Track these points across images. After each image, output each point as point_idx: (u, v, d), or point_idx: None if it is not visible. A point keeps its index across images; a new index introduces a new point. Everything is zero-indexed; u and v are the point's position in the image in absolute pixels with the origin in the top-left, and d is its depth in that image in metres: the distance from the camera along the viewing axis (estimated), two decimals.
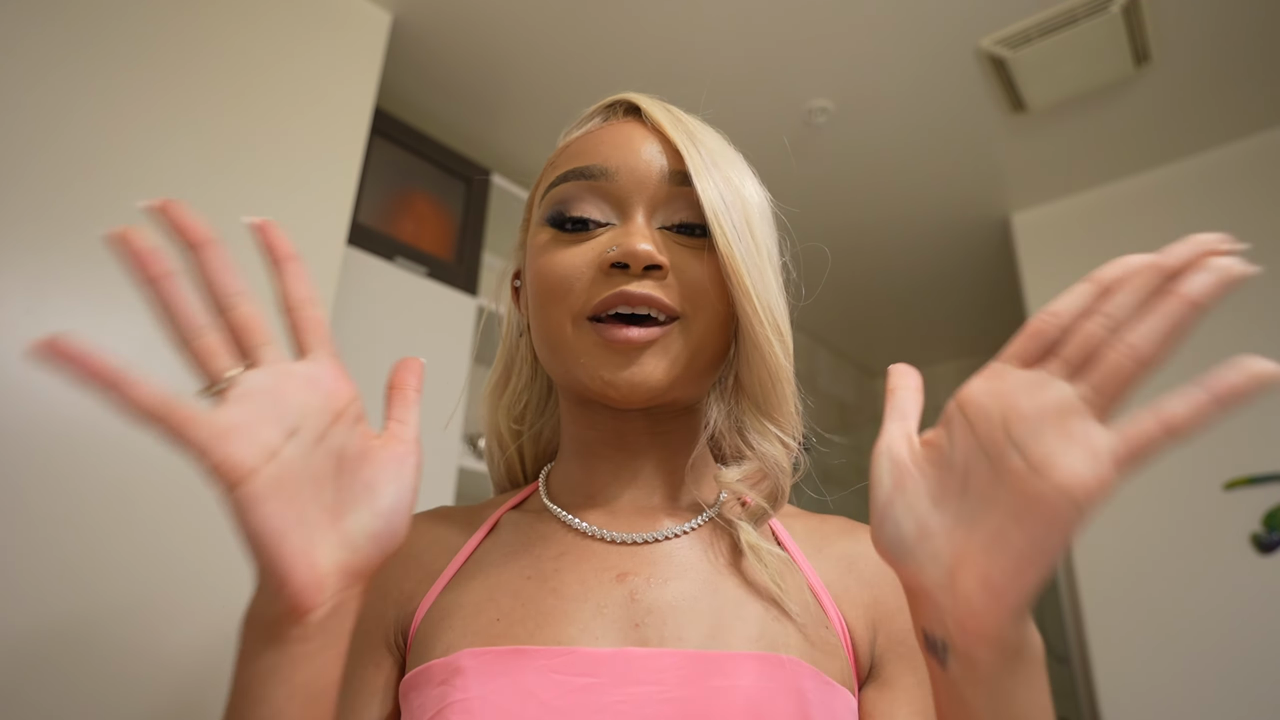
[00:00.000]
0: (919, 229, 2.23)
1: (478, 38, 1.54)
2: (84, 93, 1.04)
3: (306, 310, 0.39)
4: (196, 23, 1.18)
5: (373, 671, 0.51)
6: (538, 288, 0.51)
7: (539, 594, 0.48)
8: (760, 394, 0.50)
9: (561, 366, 0.51)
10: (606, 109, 0.57)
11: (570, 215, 0.51)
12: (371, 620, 0.52)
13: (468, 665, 0.44)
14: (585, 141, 0.54)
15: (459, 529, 0.56)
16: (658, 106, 0.54)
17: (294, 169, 1.24)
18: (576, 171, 0.51)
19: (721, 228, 0.48)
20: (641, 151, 0.51)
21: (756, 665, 0.43)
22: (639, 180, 0.50)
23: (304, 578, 0.34)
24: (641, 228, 0.49)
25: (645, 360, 0.48)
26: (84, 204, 1.00)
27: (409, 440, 0.41)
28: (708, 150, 0.51)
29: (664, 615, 0.46)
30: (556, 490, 0.57)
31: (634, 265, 0.47)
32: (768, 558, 0.48)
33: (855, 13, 1.46)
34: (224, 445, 0.32)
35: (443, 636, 0.47)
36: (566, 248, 0.50)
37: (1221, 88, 1.66)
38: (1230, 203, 1.80)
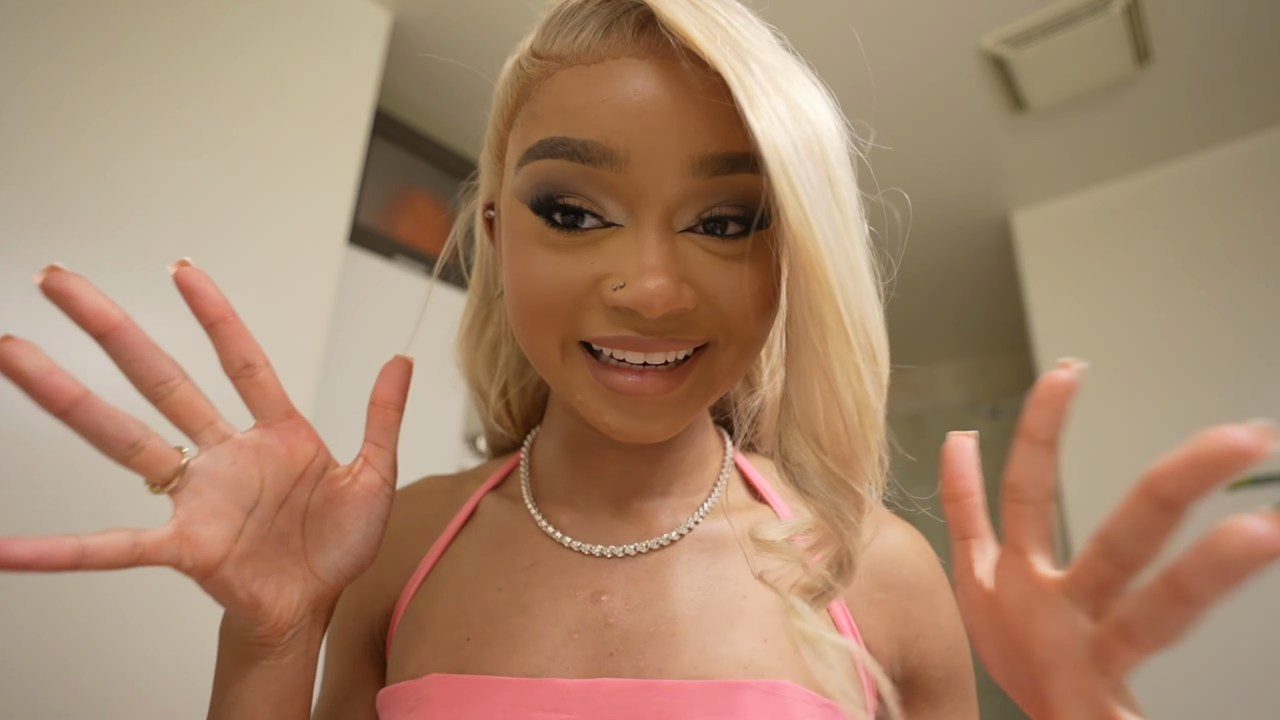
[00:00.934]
0: (919, 229, 2.22)
1: (478, 38, 1.54)
2: (84, 95, 1.04)
3: (252, 375, 0.36)
4: (197, 24, 1.18)
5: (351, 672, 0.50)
6: (517, 295, 0.38)
7: (509, 612, 0.44)
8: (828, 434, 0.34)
9: (550, 381, 0.41)
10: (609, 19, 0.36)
11: (561, 204, 0.36)
12: (353, 616, 0.51)
13: (434, 694, 0.41)
14: (580, 89, 0.36)
15: (437, 514, 0.52)
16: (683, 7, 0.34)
17: (294, 169, 1.24)
18: (569, 147, 0.35)
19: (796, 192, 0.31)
20: (661, 116, 0.34)
21: (745, 696, 0.39)
22: (660, 172, 0.35)
23: (277, 617, 0.36)
24: (655, 248, 0.35)
25: (657, 413, 0.38)
26: (85, 205, 1.00)
27: (384, 470, 0.41)
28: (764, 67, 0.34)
29: (642, 644, 0.41)
30: (539, 472, 0.51)
31: (648, 315, 0.34)
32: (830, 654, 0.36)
33: (855, 12, 1.46)
34: (191, 552, 0.32)
35: (415, 652, 0.45)
36: (553, 254, 0.36)
37: (1221, 88, 1.66)
38: (1230, 203, 1.80)
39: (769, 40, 0.37)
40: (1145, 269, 1.88)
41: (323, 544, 0.38)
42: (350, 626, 0.51)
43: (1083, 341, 1.91)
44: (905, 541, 0.46)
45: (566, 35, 0.37)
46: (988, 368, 3.05)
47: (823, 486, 0.35)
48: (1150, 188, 1.93)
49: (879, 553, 0.45)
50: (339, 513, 0.39)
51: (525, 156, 0.37)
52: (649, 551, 0.45)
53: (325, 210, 1.27)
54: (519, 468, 0.52)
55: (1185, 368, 1.76)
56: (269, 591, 0.36)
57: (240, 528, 0.34)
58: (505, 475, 0.53)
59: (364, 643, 0.51)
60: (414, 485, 0.55)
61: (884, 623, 0.44)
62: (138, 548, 0.31)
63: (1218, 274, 1.77)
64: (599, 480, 0.48)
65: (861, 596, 0.44)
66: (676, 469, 0.48)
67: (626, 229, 0.36)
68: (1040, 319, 1.99)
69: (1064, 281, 1.99)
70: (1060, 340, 1.95)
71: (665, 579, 0.44)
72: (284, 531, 0.37)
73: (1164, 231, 1.88)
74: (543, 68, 0.38)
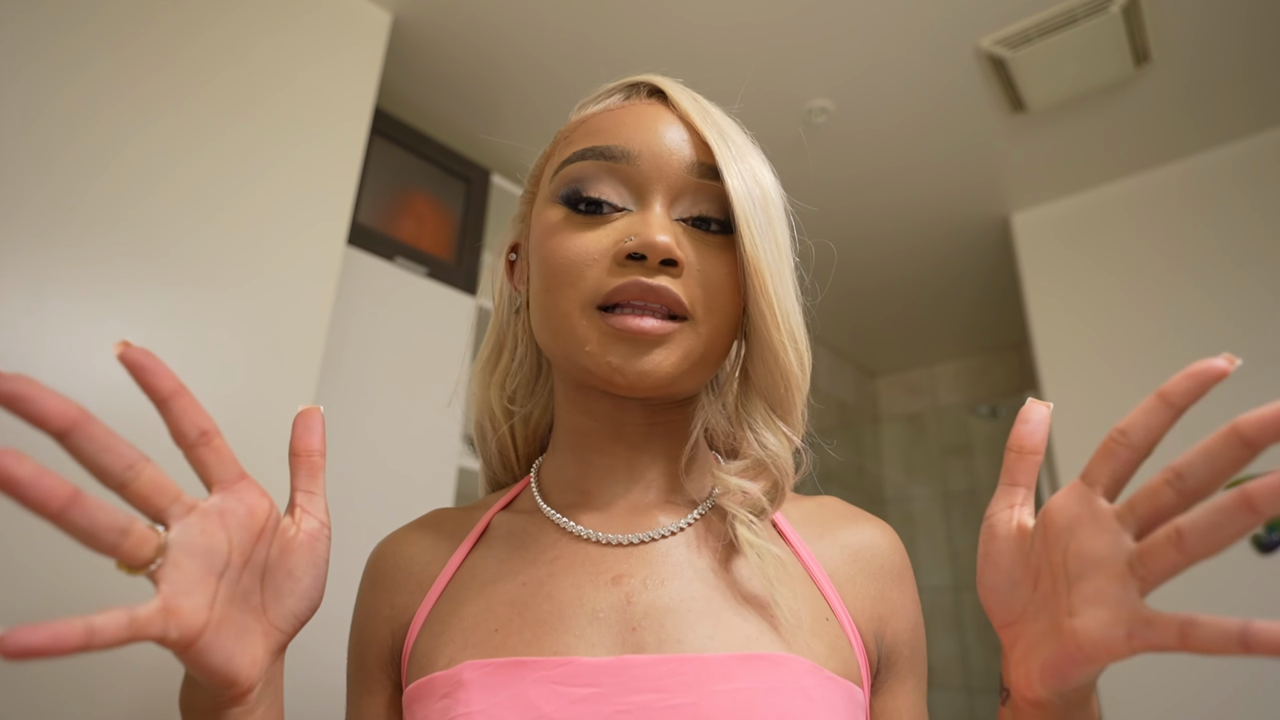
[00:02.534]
0: (919, 229, 2.23)
1: (478, 38, 1.54)
2: (85, 95, 1.04)
3: (208, 442, 0.37)
4: (196, 23, 1.18)
5: (367, 699, 0.53)
6: (545, 269, 0.49)
7: (535, 600, 0.47)
8: (771, 395, 0.50)
9: (564, 351, 0.49)
10: (628, 88, 0.54)
11: (586, 196, 0.49)
12: (365, 645, 0.53)
13: (469, 678, 0.44)
14: (605, 119, 0.51)
15: (448, 537, 0.56)
16: (684, 93, 0.52)
17: (294, 169, 1.24)
18: (596, 150, 0.49)
19: (750, 227, 0.47)
20: (666, 137, 0.49)
21: (758, 666, 0.43)
22: (662, 167, 0.48)
23: (247, 677, 0.38)
24: (660, 218, 0.47)
25: (656, 352, 0.46)
26: (85, 205, 1.00)
27: (320, 515, 0.44)
28: (735, 145, 0.50)
29: (661, 618, 0.45)
30: (548, 487, 0.56)
31: (651, 257, 0.46)
32: (766, 556, 0.47)
33: (855, 13, 1.47)
34: (177, 623, 0.34)
35: (444, 649, 0.47)
36: (579, 231, 0.48)
37: (1221, 88, 1.66)
38: (1230, 203, 1.80)
39: (739, 131, 0.53)
40: (1144, 269, 1.88)
41: (279, 594, 0.41)
42: (365, 655, 0.53)
43: (1082, 342, 1.91)
44: (880, 532, 0.54)
45: (596, 103, 0.54)
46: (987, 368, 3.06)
47: (766, 432, 0.49)
48: (1149, 188, 1.93)
49: (859, 541, 0.53)
50: (290, 561, 0.42)
51: (560, 166, 0.51)
52: (661, 538, 0.50)
53: (325, 210, 1.27)
54: (529, 488, 0.57)
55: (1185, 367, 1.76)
56: (240, 655, 0.38)
57: (215, 593, 0.36)
58: (515, 496, 0.58)
59: (380, 664, 0.53)
60: (423, 516, 0.60)
61: (866, 603, 0.50)
62: (134, 624, 0.32)
63: (1217, 274, 1.78)
64: (609, 479, 0.53)
65: (847, 580, 0.51)
66: (678, 466, 0.54)
67: (635, 212, 0.48)
68: (1039, 319, 1.99)
69: (1063, 282, 1.99)
70: (1059, 340, 1.95)
71: (678, 561, 0.49)
72: (247, 589, 0.39)
73: (1163, 232, 1.88)
74: (577, 121, 0.53)
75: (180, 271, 1.07)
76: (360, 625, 0.55)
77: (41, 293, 0.95)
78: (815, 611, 0.48)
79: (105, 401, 0.97)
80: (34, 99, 0.99)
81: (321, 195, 1.27)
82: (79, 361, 0.96)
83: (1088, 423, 1.82)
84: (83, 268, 0.99)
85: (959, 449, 2.99)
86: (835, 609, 0.49)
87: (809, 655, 0.45)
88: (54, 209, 0.98)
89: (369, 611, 0.54)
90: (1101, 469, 0.34)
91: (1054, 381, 1.92)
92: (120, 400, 0.98)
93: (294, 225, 1.21)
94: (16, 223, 0.94)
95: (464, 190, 1.70)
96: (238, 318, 1.11)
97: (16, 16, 0.99)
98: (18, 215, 0.95)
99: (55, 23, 1.03)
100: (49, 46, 1.02)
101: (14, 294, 0.93)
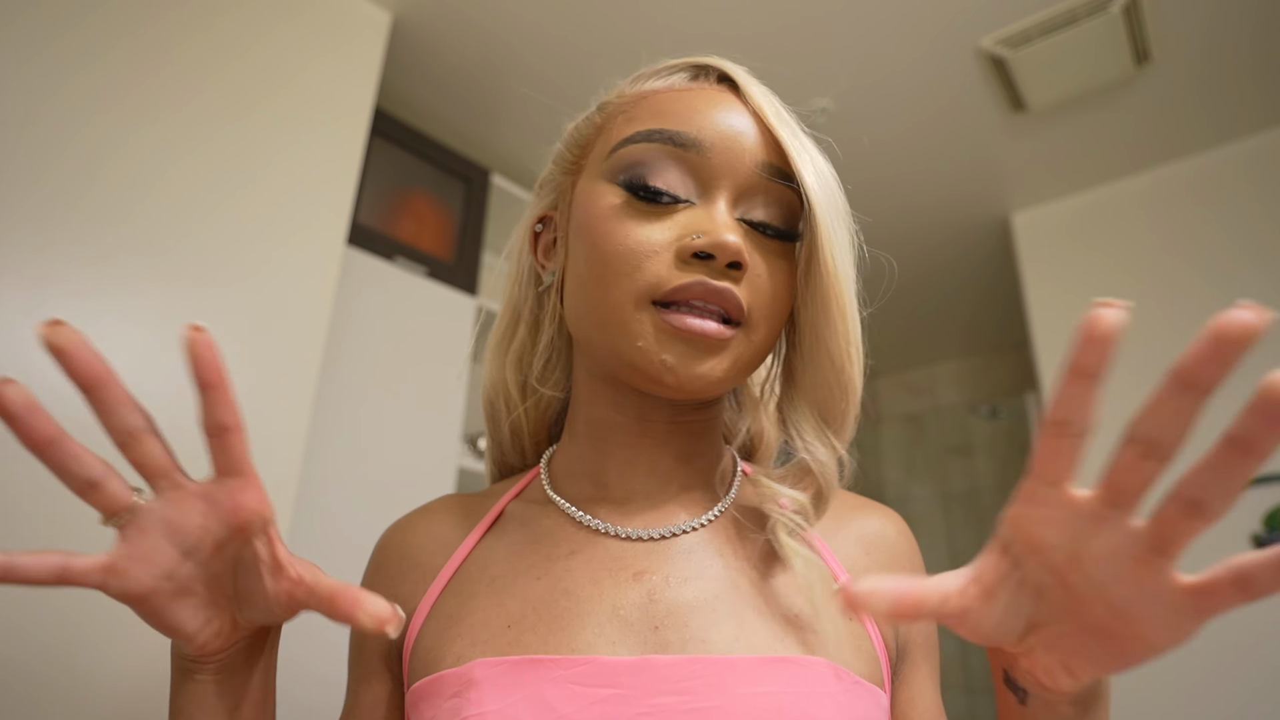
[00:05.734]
0: (919, 229, 2.23)
1: (478, 38, 1.54)
2: (85, 95, 1.04)
3: (224, 437, 0.37)
4: (197, 25, 1.18)
5: (364, 688, 0.51)
6: (597, 256, 0.46)
7: (550, 596, 0.45)
8: (826, 405, 0.48)
9: (609, 344, 0.46)
10: (695, 68, 0.51)
11: (649, 184, 0.45)
12: (367, 635, 0.51)
13: (481, 677, 0.42)
14: (673, 100, 0.48)
15: (457, 524, 0.53)
16: (755, 85, 0.49)
17: (294, 169, 1.24)
18: (664, 134, 0.46)
19: (831, 233, 0.45)
20: (739, 131, 0.46)
21: (784, 669, 0.41)
22: (733, 162, 0.46)
23: (203, 643, 0.40)
24: (726, 216, 0.45)
25: (709, 358, 0.44)
26: (86, 206, 1.00)
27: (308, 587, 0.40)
28: (808, 146, 0.48)
29: (685, 616, 0.43)
30: (561, 478, 0.53)
31: (720, 258, 0.43)
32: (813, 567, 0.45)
33: (855, 13, 1.46)
34: (118, 581, 0.36)
35: (452, 645, 0.45)
36: (639, 219, 0.45)
37: (1221, 88, 1.66)
38: (1230, 203, 1.80)
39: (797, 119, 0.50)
40: (1144, 269, 1.88)
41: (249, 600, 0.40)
42: (365, 643, 0.52)
43: None
44: (888, 521, 0.54)
45: (658, 79, 0.51)
46: (988, 368, 3.05)
47: (816, 441, 0.47)
48: (1149, 188, 1.93)
49: (870, 533, 0.52)
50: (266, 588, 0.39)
51: (621, 144, 0.47)
52: (682, 534, 0.48)
53: (325, 210, 1.27)
54: (539, 478, 0.55)
55: None
56: (194, 621, 0.39)
57: (174, 568, 0.38)
58: (525, 485, 0.56)
59: (380, 654, 0.51)
60: (432, 502, 0.58)
61: None
62: (65, 571, 0.35)
63: (1218, 274, 1.78)
64: (629, 474, 0.51)
65: (861, 570, 0.50)
66: (700, 464, 0.52)
67: (698, 206, 0.46)
68: (1040, 319, 1.99)
69: (1063, 282, 1.99)
70: (1060, 340, 1.95)
71: (701, 558, 0.47)
72: (219, 573, 0.40)
73: (1163, 232, 1.88)
74: (636, 95, 0.50)
75: (180, 271, 1.07)
76: None
77: (41, 293, 0.95)
78: (840, 611, 0.46)
79: None
80: (33, 99, 0.99)
81: (321, 195, 1.27)
82: None
83: None
84: (82, 268, 0.98)
85: (959, 449, 2.99)
86: None
87: (835, 658, 0.43)
88: (53, 209, 0.98)
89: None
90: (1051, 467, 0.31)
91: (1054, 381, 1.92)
92: None
93: (294, 225, 1.21)
94: (16, 222, 0.94)
95: (464, 190, 1.70)
96: (237, 317, 1.11)
97: (15, 16, 0.99)
98: (17, 215, 0.94)
99: (54, 22, 1.03)
100: (47, 46, 1.02)
101: (14, 294, 0.93)
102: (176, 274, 1.07)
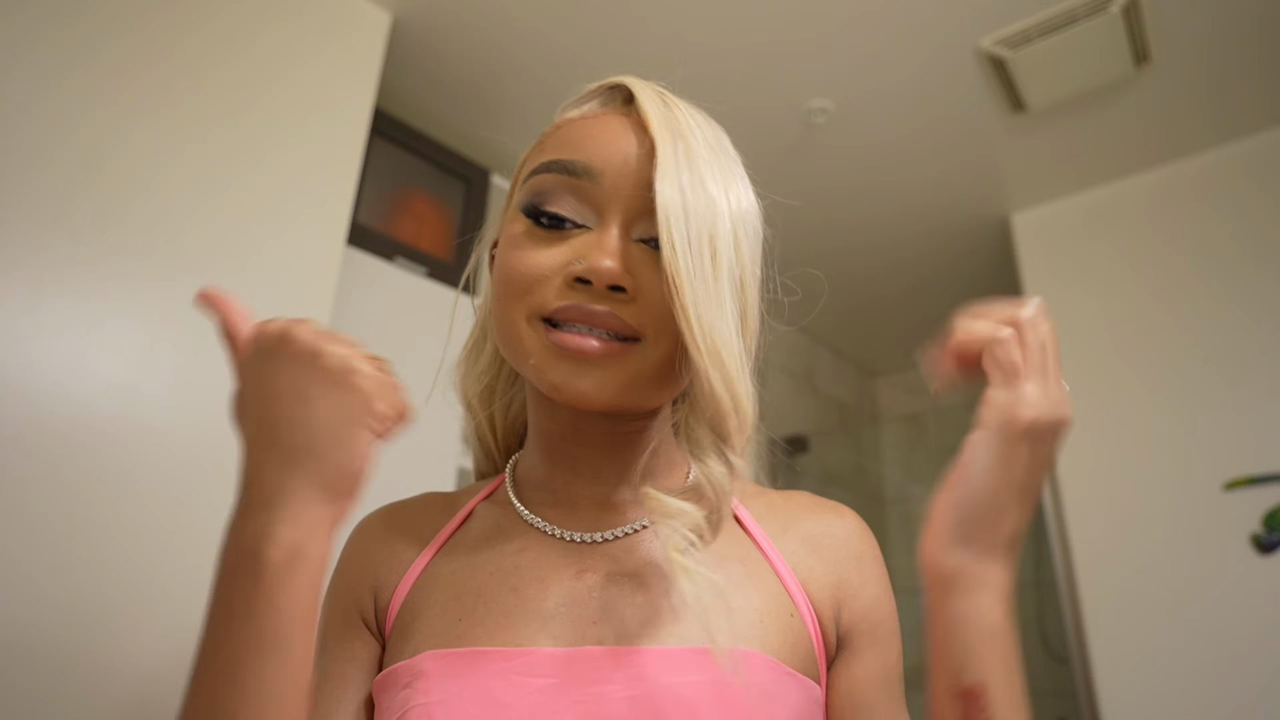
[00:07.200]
0: (919, 229, 2.23)
1: (478, 38, 1.54)
2: (84, 95, 1.04)
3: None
4: (197, 24, 1.18)
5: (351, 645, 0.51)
6: (501, 278, 0.49)
7: (499, 592, 0.48)
8: (711, 419, 0.47)
9: (515, 361, 0.50)
10: (607, 91, 0.54)
11: (546, 210, 0.48)
12: (349, 599, 0.53)
13: (429, 668, 0.44)
14: (576, 129, 0.51)
15: (433, 518, 0.56)
16: (652, 98, 0.50)
17: (294, 169, 1.24)
18: (560, 164, 0.49)
19: (671, 238, 0.44)
20: (629, 154, 0.48)
21: (714, 660, 0.43)
22: (620, 186, 0.47)
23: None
24: (613, 241, 0.46)
25: (595, 373, 0.46)
26: (86, 206, 1.00)
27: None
28: (687, 150, 0.47)
29: (622, 612, 0.46)
30: (522, 482, 0.57)
31: (596, 283, 0.45)
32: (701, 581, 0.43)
33: (855, 13, 1.46)
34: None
35: (411, 638, 0.48)
36: (537, 246, 0.48)
37: (1221, 88, 1.66)
38: (1230, 203, 1.80)
39: (712, 137, 0.50)
40: (1144, 269, 1.88)
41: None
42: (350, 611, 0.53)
43: (1082, 342, 1.91)
44: (837, 518, 0.55)
45: (574, 107, 0.54)
46: None
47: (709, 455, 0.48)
48: (1149, 188, 1.93)
49: (818, 531, 0.54)
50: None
51: (528, 176, 0.50)
52: (625, 536, 0.51)
53: (325, 210, 1.27)
54: (505, 483, 0.58)
55: (1185, 368, 1.76)
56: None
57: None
58: (495, 488, 0.59)
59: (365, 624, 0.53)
60: (415, 498, 0.61)
61: (825, 592, 0.51)
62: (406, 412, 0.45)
63: (1217, 274, 1.78)
64: (574, 481, 0.53)
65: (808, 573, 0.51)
66: (645, 469, 0.54)
67: (593, 230, 0.48)
68: None
69: (1063, 282, 1.99)
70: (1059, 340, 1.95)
71: (641, 557, 0.50)
72: None
73: (1163, 232, 1.88)
74: (553, 126, 0.53)
75: (179, 271, 1.07)
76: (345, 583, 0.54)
77: (41, 293, 0.95)
78: (779, 607, 0.49)
79: (104, 400, 0.98)
80: (31, 98, 0.99)
81: (321, 195, 1.27)
82: (78, 361, 0.96)
83: (1088, 423, 1.82)
84: (82, 268, 0.98)
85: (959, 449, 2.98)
86: (799, 604, 0.49)
87: (770, 650, 0.46)
88: (53, 209, 0.98)
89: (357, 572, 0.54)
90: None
91: None
92: (119, 400, 0.98)
93: (294, 225, 1.21)
94: (15, 222, 0.94)
95: (463, 190, 1.70)
96: None
97: (12, 14, 0.99)
98: (16, 215, 0.95)
99: (52, 22, 1.03)
100: (45, 46, 1.02)
101: (14, 294, 0.93)
102: (176, 274, 1.07)
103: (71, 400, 0.94)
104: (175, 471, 1.00)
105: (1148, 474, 1.72)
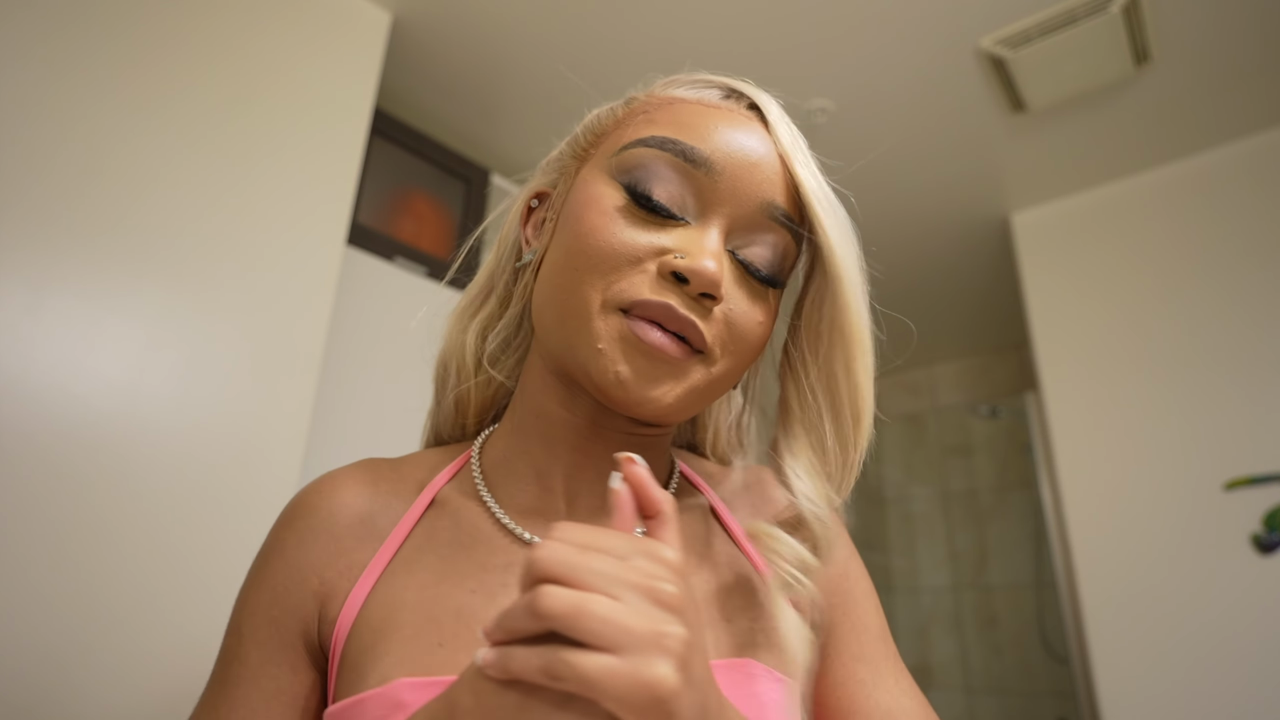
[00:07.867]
0: (919, 229, 2.23)
1: (478, 38, 1.54)
2: (84, 95, 1.04)
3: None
4: (197, 24, 1.18)
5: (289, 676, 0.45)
6: (579, 247, 0.44)
7: (485, 613, 0.42)
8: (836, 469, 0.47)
9: (566, 339, 0.45)
10: (729, 90, 0.50)
11: (651, 193, 0.44)
12: (285, 607, 0.46)
13: (410, 699, 0.39)
14: (698, 113, 0.47)
15: (386, 504, 0.49)
16: (785, 124, 0.48)
17: (294, 169, 1.24)
18: (679, 146, 0.45)
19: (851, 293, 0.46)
20: (754, 163, 0.45)
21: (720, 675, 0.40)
22: (738, 191, 0.44)
23: None
24: (716, 244, 0.44)
25: (664, 377, 0.43)
26: (86, 206, 1.00)
27: None
28: (829, 195, 0.47)
29: None
30: (498, 472, 0.50)
31: (694, 285, 0.42)
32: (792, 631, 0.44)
33: (855, 13, 1.46)
34: None
35: (378, 663, 0.41)
36: (630, 223, 0.44)
37: (1221, 88, 1.66)
38: (1230, 203, 1.80)
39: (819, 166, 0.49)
40: (1144, 269, 1.88)
41: None
42: (285, 624, 0.46)
43: (1082, 342, 1.91)
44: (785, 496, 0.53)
45: (692, 88, 0.49)
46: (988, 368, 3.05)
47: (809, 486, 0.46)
48: (1149, 188, 1.93)
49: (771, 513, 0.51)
50: None
51: (634, 144, 0.46)
52: None
53: (325, 210, 1.27)
54: (470, 465, 0.51)
55: (1185, 368, 1.76)
56: None
57: None
58: (459, 469, 0.52)
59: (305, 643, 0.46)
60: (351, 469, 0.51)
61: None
62: None
63: (1217, 274, 1.78)
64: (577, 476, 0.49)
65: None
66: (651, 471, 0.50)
67: (692, 226, 0.45)
68: (1040, 319, 1.99)
69: (1063, 282, 1.99)
70: (1059, 340, 1.95)
71: None
72: None
73: (1163, 232, 1.88)
74: (664, 99, 0.49)
75: (180, 272, 1.07)
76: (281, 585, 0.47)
77: (41, 293, 0.95)
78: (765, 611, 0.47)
79: (103, 400, 0.98)
80: (29, 98, 0.99)
81: (321, 195, 1.27)
82: (78, 361, 0.96)
83: (1088, 423, 1.82)
84: (82, 267, 0.98)
85: (959, 449, 2.99)
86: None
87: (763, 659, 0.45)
88: (52, 209, 0.98)
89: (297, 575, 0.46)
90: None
91: (1054, 381, 1.92)
92: (119, 400, 0.98)
93: (293, 225, 1.21)
94: (15, 222, 0.94)
95: (463, 190, 1.70)
96: (237, 317, 1.11)
97: (11, 12, 0.99)
98: (16, 215, 0.95)
99: (51, 21, 1.03)
100: (44, 45, 1.02)
101: (14, 294, 0.93)
102: (176, 274, 1.07)
103: (71, 400, 0.94)
104: (175, 471, 1.00)
105: (1148, 474, 1.72)
